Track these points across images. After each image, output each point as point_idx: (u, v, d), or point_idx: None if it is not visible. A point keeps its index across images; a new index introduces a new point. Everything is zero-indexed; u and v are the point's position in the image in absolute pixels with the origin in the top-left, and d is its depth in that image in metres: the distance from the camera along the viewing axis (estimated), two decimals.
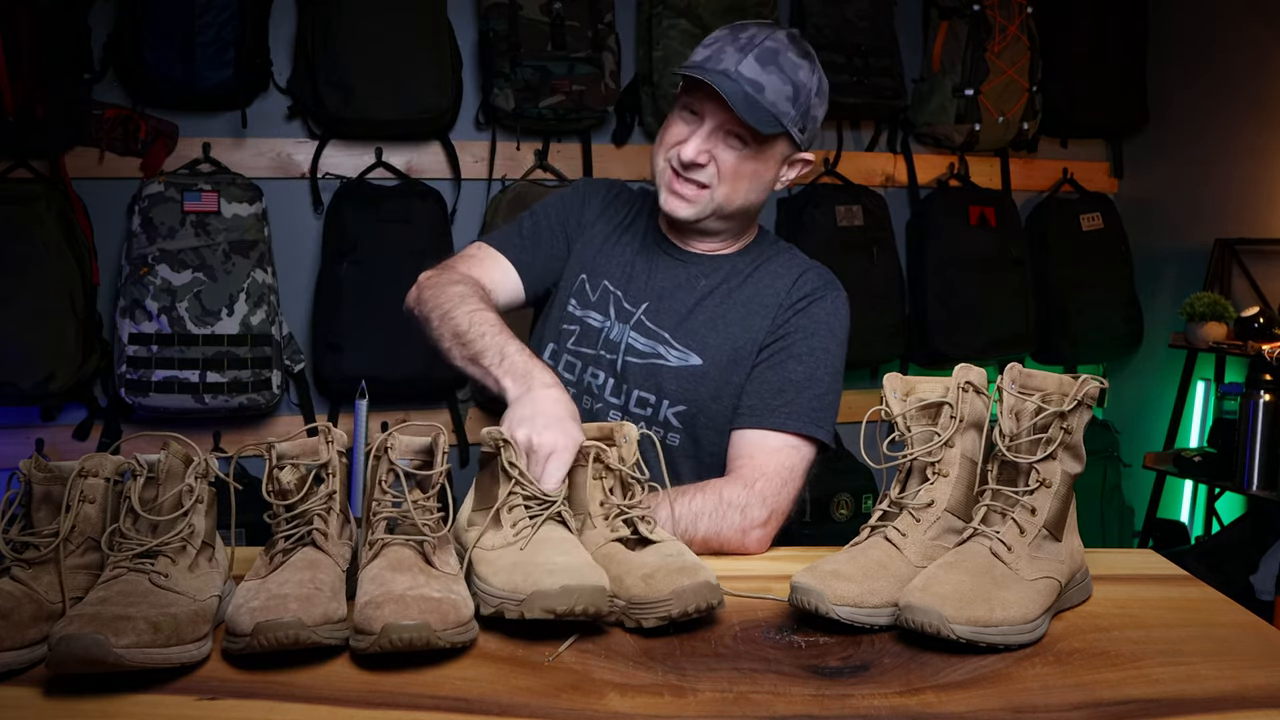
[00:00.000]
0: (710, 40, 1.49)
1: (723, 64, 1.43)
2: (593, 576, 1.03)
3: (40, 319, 2.62)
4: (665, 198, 1.51)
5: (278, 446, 1.09)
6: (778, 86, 1.44)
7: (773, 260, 1.59)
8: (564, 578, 1.02)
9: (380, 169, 3.04)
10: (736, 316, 1.54)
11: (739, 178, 1.49)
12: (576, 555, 1.07)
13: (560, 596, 1.01)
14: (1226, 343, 2.95)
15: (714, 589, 1.06)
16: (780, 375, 1.50)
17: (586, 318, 1.58)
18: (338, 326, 2.85)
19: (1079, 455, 1.14)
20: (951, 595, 1.01)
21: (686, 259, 1.59)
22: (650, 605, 1.04)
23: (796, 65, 1.46)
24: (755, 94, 1.42)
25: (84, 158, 2.84)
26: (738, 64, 1.42)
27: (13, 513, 1.04)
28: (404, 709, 0.89)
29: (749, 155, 1.47)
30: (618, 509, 1.17)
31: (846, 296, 1.58)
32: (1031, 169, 3.59)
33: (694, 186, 1.49)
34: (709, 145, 1.46)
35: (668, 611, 1.03)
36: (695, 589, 1.04)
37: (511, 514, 1.13)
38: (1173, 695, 0.94)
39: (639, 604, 1.04)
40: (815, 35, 3.16)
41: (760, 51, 1.43)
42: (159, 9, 2.68)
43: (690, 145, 1.46)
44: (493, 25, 2.93)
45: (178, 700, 0.89)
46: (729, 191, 1.49)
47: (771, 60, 1.44)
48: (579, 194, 1.69)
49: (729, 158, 1.47)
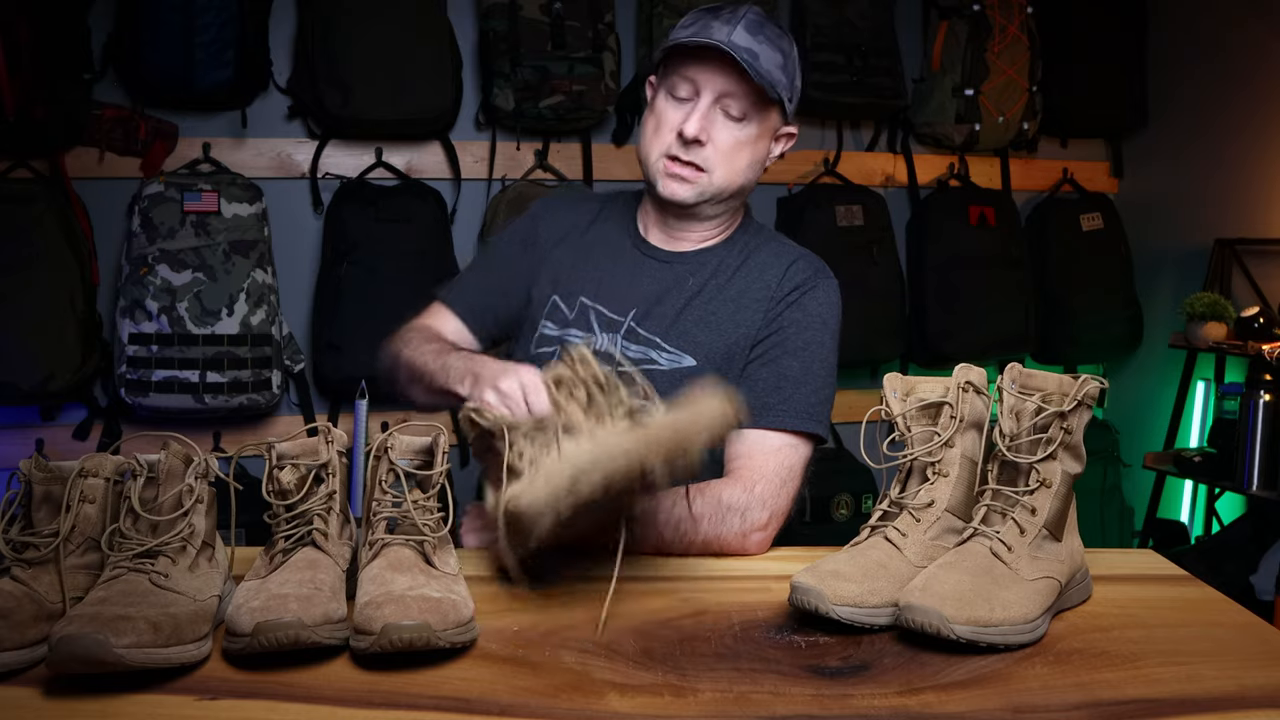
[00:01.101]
0: (689, 20, 1.47)
1: (714, 35, 1.41)
2: (611, 444, 1.04)
3: (40, 319, 2.63)
4: (663, 183, 1.49)
5: (278, 446, 1.09)
6: (770, 54, 1.44)
7: (760, 250, 1.57)
8: (589, 453, 1.04)
9: (380, 169, 3.04)
10: (728, 313, 1.52)
11: (737, 155, 1.48)
12: (604, 435, 1.09)
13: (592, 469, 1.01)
14: (1226, 343, 2.95)
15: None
16: (775, 372, 1.48)
17: (566, 336, 1.55)
18: (338, 326, 2.85)
19: (1079, 455, 1.14)
20: (951, 595, 1.01)
21: (671, 259, 1.57)
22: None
23: (780, 34, 1.47)
24: (753, 61, 1.42)
25: (84, 158, 2.85)
26: (729, 34, 1.41)
27: (13, 513, 1.04)
28: (404, 709, 0.89)
29: (745, 130, 1.46)
30: (609, 406, 1.17)
31: (837, 284, 1.57)
32: (1031, 169, 3.59)
33: (692, 169, 1.47)
34: (707, 122, 1.45)
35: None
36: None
37: (522, 459, 1.12)
38: (1173, 695, 0.94)
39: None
40: (815, 35, 3.16)
41: (747, 22, 1.44)
42: (159, 9, 2.68)
43: (693, 121, 1.44)
44: (493, 25, 2.93)
45: (178, 700, 0.89)
46: (727, 172, 1.48)
47: (759, 30, 1.44)
48: (533, 219, 1.67)
49: (726, 136, 1.46)
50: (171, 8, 2.68)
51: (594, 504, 1.03)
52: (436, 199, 2.99)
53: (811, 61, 3.17)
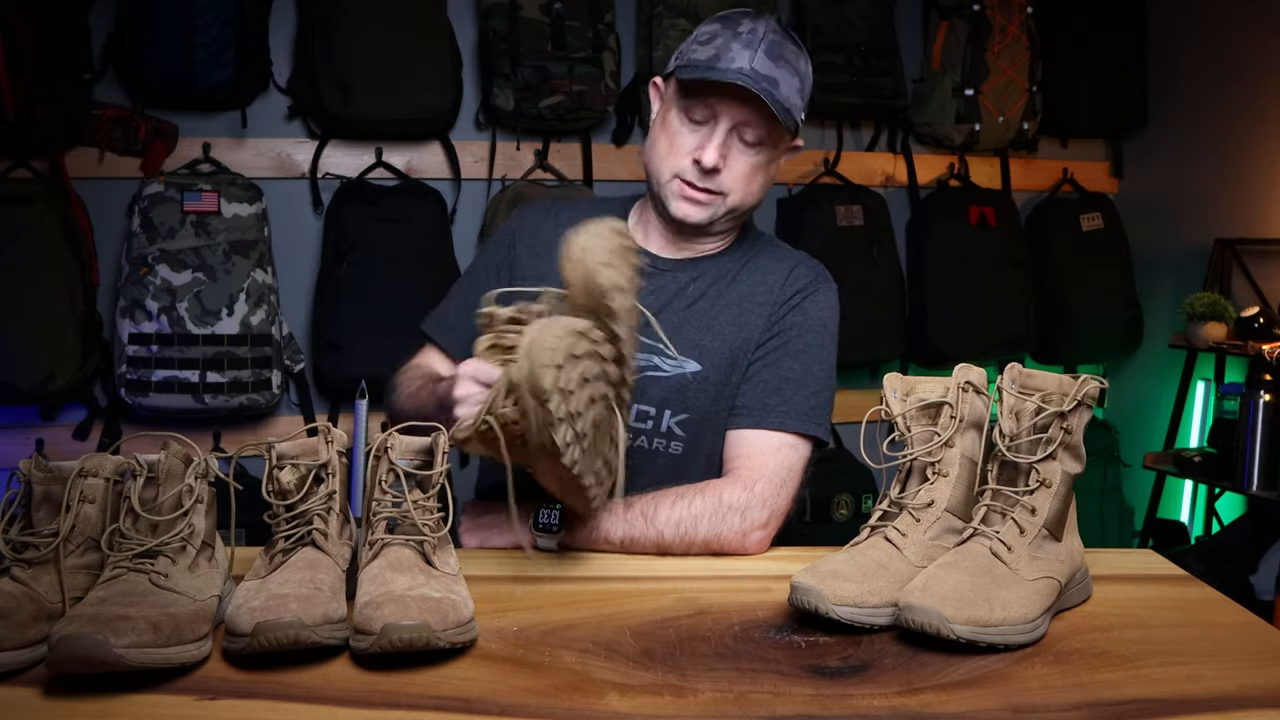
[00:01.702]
0: (706, 36, 1.45)
1: (735, 62, 1.40)
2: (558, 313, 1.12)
3: (40, 319, 2.63)
4: (676, 204, 1.48)
5: (277, 446, 1.09)
6: (788, 80, 1.43)
7: (760, 255, 1.58)
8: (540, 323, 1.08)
9: (380, 169, 3.04)
10: (730, 317, 1.52)
11: (753, 180, 1.48)
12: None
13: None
14: (1226, 343, 2.94)
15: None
16: (776, 374, 1.49)
17: None
18: (338, 326, 2.85)
19: (1079, 455, 1.14)
20: (951, 595, 1.01)
21: (671, 267, 1.56)
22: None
23: (797, 55, 1.46)
24: (773, 90, 1.41)
25: (84, 158, 2.84)
26: (751, 61, 1.40)
27: (13, 513, 1.04)
28: (404, 709, 0.89)
29: (761, 155, 1.46)
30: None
31: (836, 287, 1.57)
32: (1031, 169, 3.59)
33: (708, 193, 1.47)
34: (724, 150, 1.44)
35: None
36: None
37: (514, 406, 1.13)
38: (1173, 695, 0.94)
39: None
40: (815, 35, 3.16)
41: (768, 45, 1.42)
42: (159, 9, 2.68)
43: (710, 151, 1.43)
44: (493, 25, 2.93)
45: (178, 700, 0.89)
46: (743, 195, 1.48)
47: (779, 54, 1.42)
48: (510, 234, 1.63)
49: (742, 162, 1.46)
50: (171, 8, 2.68)
51: (577, 360, 1.07)
52: (436, 199, 2.99)
53: (812, 61, 3.17)
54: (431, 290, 2.86)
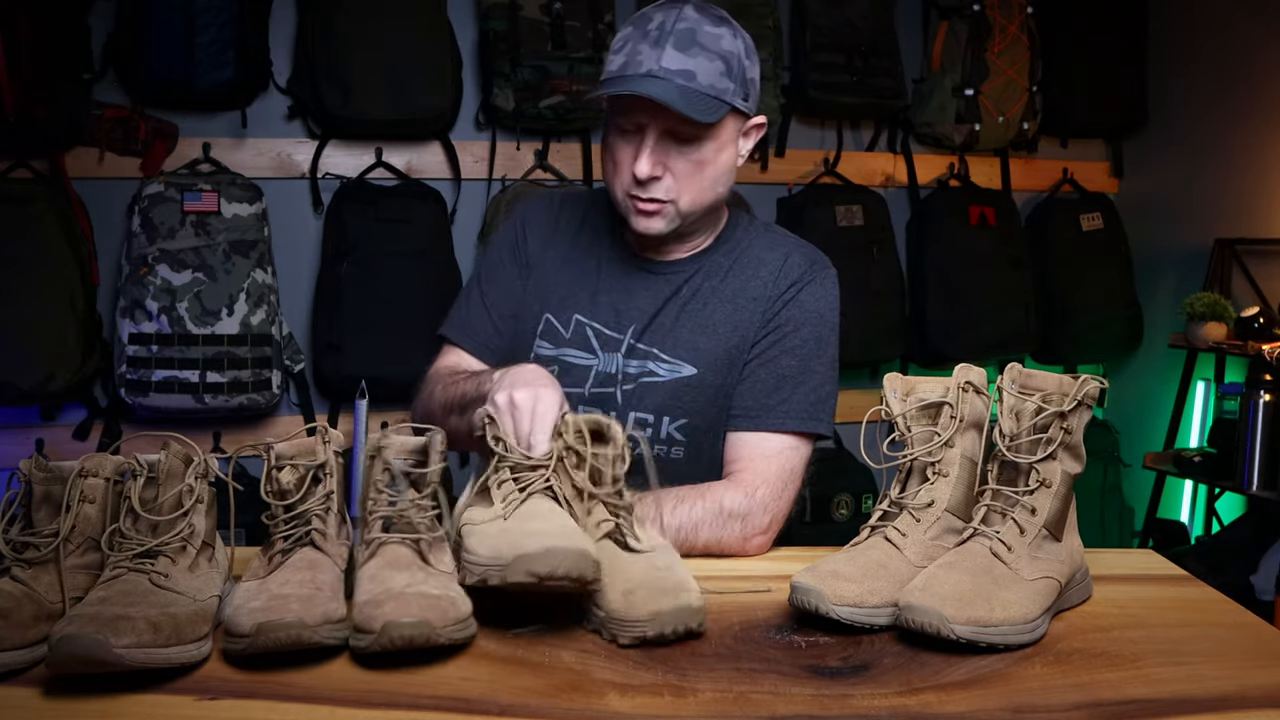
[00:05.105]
0: (619, 44, 1.38)
1: (644, 65, 1.33)
2: (578, 540, 1.01)
3: (40, 319, 2.63)
4: (634, 219, 1.43)
5: (276, 447, 1.09)
6: (707, 66, 1.34)
7: (752, 246, 1.53)
8: (548, 540, 1.00)
9: (380, 169, 3.04)
10: (724, 315, 1.49)
11: (699, 177, 1.41)
12: (562, 521, 1.05)
13: (543, 558, 0.98)
14: (1226, 343, 2.95)
15: (694, 613, 1.04)
16: (774, 372, 1.46)
17: (564, 356, 1.51)
18: (338, 326, 2.86)
19: (1079, 455, 1.14)
20: (951, 595, 1.01)
21: (662, 269, 1.52)
22: (627, 624, 1.02)
23: (716, 36, 1.36)
24: (689, 84, 1.33)
25: (84, 158, 2.85)
26: (659, 59, 1.33)
27: (13, 513, 1.04)
28: (404, 709, 0.89)
29: (701, 150, 1.39)
30: (599, 499, 1.14)
31: (835, 273, 1.52)
32: (1031, 169, 3.59)
33: (656, 203, 1.41)
34: (659, 156, 1.38)
35: (643, 633, 1.02)
36: (674, 613, 1.02)
37: (501, 489, 1.10)
38: (1173, 695, 0.94)
39: (616, 620, 1.03)
40: (815, 35, 3.16)
41: (676, 37, 1.33)
42: (159, 9, 2.68)
43: (642, 163, 1.36)
44: (493, 25, 2.93)
45: (178, 700, 0.89)
46: (693, 197, 1.42)
47: (691, 41, 1.34)
48: (518, 225, 1.60)
49: (683, 164, 1.39)
50: (171, 8, 2.68)
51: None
52: (436, 199, 2.99)
53: (811, 61, 3.17)
54: (432, 290, 2.89)
